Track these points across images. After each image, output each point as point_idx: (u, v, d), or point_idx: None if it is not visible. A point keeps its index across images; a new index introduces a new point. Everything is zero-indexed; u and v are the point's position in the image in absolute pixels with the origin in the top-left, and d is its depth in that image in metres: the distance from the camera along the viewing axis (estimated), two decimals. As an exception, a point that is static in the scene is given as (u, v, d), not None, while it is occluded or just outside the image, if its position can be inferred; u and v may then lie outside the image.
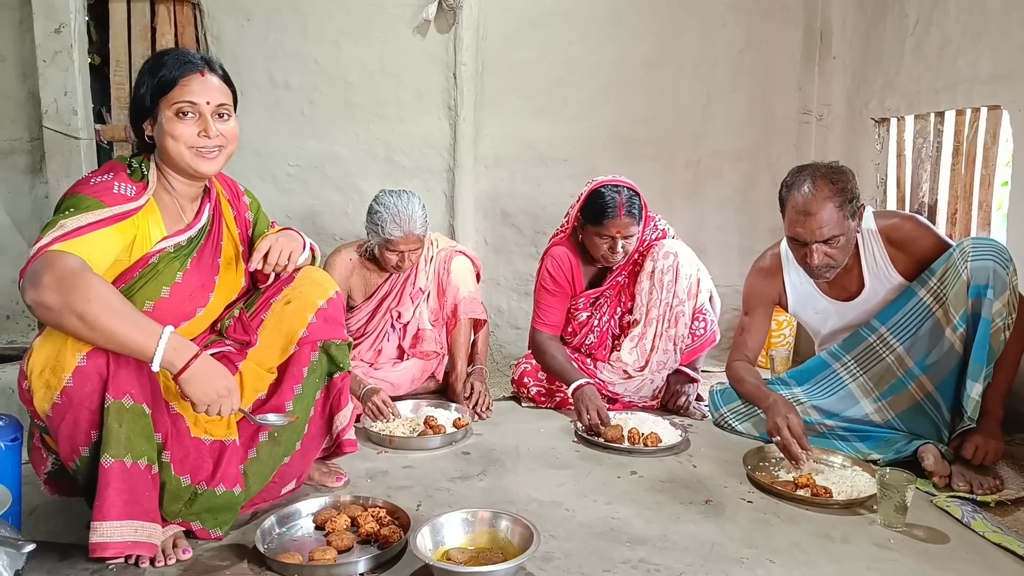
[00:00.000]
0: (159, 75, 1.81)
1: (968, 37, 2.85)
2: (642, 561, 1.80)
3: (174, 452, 1.80)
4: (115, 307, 1.60)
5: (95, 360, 1.64)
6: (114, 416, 1.65)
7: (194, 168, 1.85)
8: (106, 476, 1.65)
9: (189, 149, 1.82)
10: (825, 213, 2.26)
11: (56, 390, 1.63)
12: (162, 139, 1.83)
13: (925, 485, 2.21)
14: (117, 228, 1.73)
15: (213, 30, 3.64)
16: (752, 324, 2.72)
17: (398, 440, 2.56)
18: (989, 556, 1.84)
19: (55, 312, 1.57)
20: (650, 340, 2.93)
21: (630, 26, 3.78)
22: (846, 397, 2.49)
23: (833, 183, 2.29)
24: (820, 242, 2.29)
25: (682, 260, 2.89)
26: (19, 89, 3.56)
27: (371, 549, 1.83)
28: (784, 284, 2.65)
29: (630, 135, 3.85)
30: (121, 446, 1.66)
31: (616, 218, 2.75)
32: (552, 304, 3.02)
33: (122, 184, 1.79)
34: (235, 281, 2.06)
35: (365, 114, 3.75)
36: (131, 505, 1.68)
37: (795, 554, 1.84)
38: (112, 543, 1.65)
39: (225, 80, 1.90)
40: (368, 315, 3.05)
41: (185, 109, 1.81)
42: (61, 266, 1.58)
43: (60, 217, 1.68)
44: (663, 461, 2.46)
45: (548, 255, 3.04)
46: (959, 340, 2.24)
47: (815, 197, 2.28)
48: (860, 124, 3.60)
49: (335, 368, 2.10)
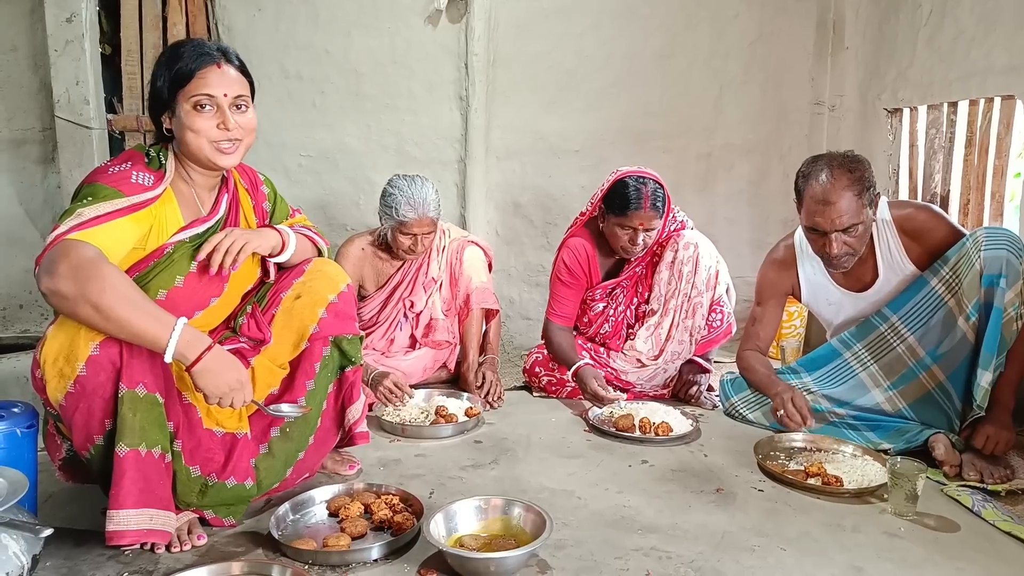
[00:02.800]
0: (176, 67, 1.80)
1: (982, 28, 2.84)
2: (653, 549, 1.80)
3: (185, 442, 1.81)
4: (130, 297, 1.61)
5: (108, 350, 1.64)
6: (128, 406, 1.66)
7: (214, 162, 1.85)
8: (121, 465, 1.66)
9: (210, 143, 1.82)
10: (844, 202, 2.26)
11: (70, 379, 1.63)
12: (181, 132, 1.83)
13: (936, 474, 2.21)
14: (134, 218, 1.74)
15: (225, 20, 3.65)
16: (764, 315, 2.72)
17: (410, 429, 2.58)
18: (999, 545, 1.84)
19: (70, 301, 1.58)
20: (666, 330, 2.93)
21: (642, 18, 3.77)
22: (856, 386, 2.49)
23: (851, 172, 2.28)
24: (839, 231, 2.28)
25: (702, 251, 2.90)
26: (31, 79, 3.58)
27: (384, 536, 1.84)
28: (798, 275, 2.65)
29: (642, 127, 3.84)
30: (136, 435, 1.67)
31: (640, 210, 2.74)
32: (566, 296, 3.03)
33: (140, 173, 1.79)
34: (251, 271, 2.06)
35: (376, 105, 3.76)
36: (146, 494, 1.69)
37: (806, 543, 1.84)
38: (129, 531, 1.67)
39: (242, 71, 1.89)
40: (380, 304, 3.06)
41: (203, 102, 1.80)
42: (77, 255, 1.59)
43: (78, 206, 1.68)
44: (674, 450, 2.46)
45: (565, 246, 3.04)
46: (971, 329, 2.24)
47: (834, 186, 2.27)
48: (872, 115, 3.58)
49: (347, 362, 2.10)
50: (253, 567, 1.66)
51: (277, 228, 2.04)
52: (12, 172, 3.65)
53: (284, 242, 2.01)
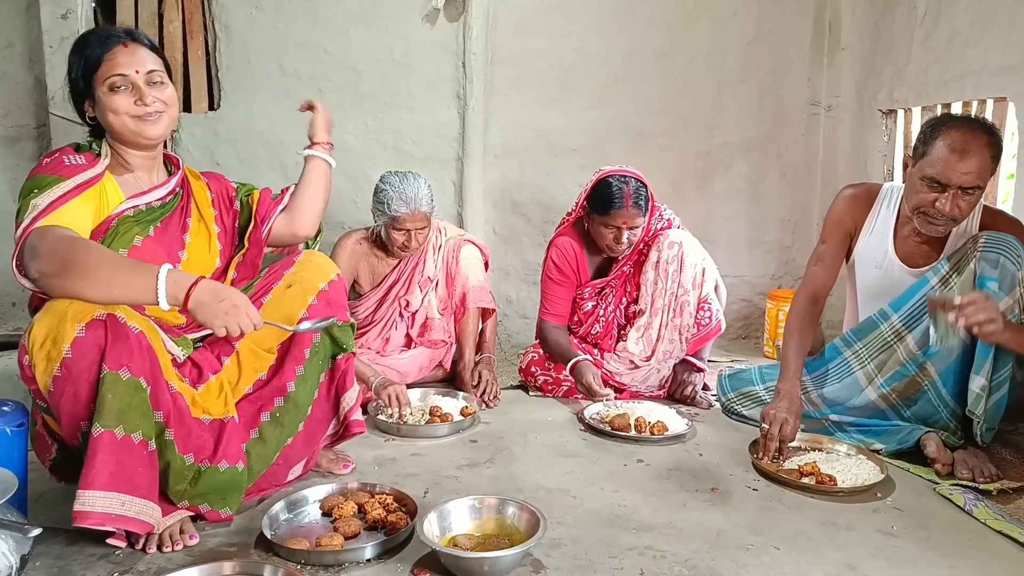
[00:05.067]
0: (85, 54, 1.86)
1: (977, 29, 2.84)
2: (648, 548, 1.80)
3: (177, 431, 1.79)
4: (111, 259, 1.70)
5: (94, 331, 1.64)
6: (108, 387, 1.64)
7: (140, 133, 1.89)
8: (94, 446, 1.63)
9: (132, 119, 1.87)
10: (979, 158, 2.14)
11: (56, 362, 1.63)
12: (104, 117, 1.88)
13: (928, 473, 2.23)
14: (85, 196, 1.80)
15: (222, 18, 3.65)
16: (828, 253, 2.58)
17: (406, 428, 2.58)
18: (991, 543, 1.84)
19: (58, 277, 1.64)
20: (656, 330, 2.94)
21: (642, 16, 3.77)
22: (851, 384, 2.48)
23: (992, 135, 2.19)
24: (961, 188, 2.16)
25: (687, 250, 2.89)
26: (26, 76, 3.57)
27: (378, 535, 1.83)
28: (867, 219, 2.53)
29: (641, 125, 3.84)
30: (112, 417, 1.64)
31: (623, 208, 2.76)
32: (558, 294, 3.04)
33: (70, 156, 1.86)
34: (206, 260, 2.07)
35: (375, 103, 3.75)
36: (118, 478, 1.65)
37: (800, 541, 1.84)
38: (94, 513, 1.62)
39: (152, 49, 1.94)
40: (376, 303, 3.05)
41: (117, 83, 1.85)
42: (53, 235, 1.68)
43: (29, 199, 1.75)
44: (669, 449, 2.46)
45: (553, 245, 3.06)
46: (964, 329, 2.23)
47: (976, 139, 2.14)
48: (868, 115, 3.59)
49: (338, 350, 2.11)
50: (245, 567, 1.65)
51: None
52: (6, 169, 3.64)
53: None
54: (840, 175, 3.77)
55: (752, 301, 4.03)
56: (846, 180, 2.67)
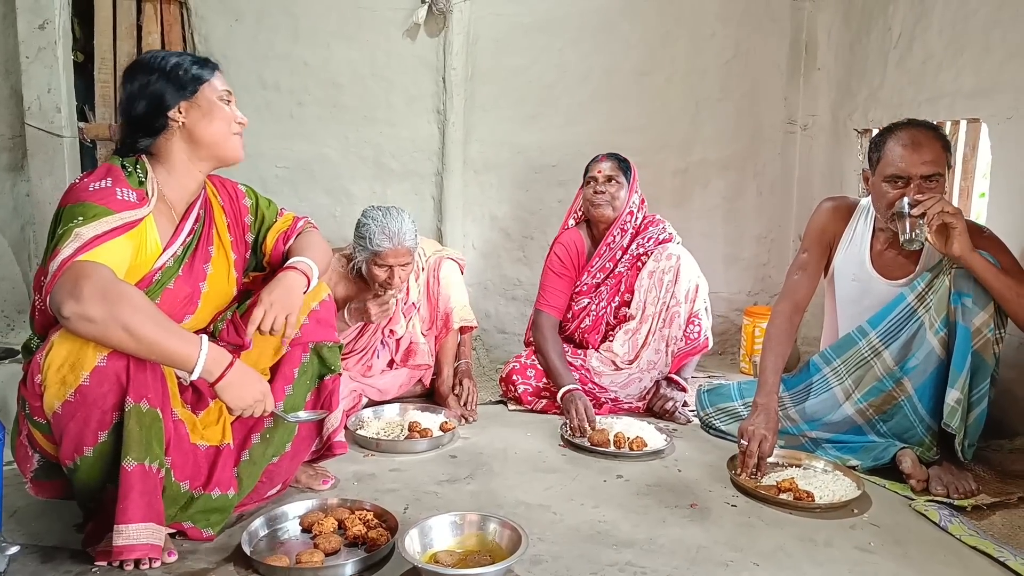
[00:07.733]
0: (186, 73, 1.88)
1: (951, 52, 2.90)
2: (629, 564, 1.81)
3: (175, 458, 1.80)
4: (155, 318, 1.65)
5: (115, 362, 1.64)
6: (135, 419, 1.66)
7: (232, 153, 1.95)
8: (129, 479, 1.66)
9: (231, 134, 1.93)
10: (931, 147, 2.27)
11: (72, 387, 1.62)
12: (200, 128, 1.88)
13: (904, 489, 2.26)
14: (129, 236, 1.73)
15: (201, 30, 3.63)
16: (810, 262, 2.63)
17: (385, 443, 2.56)
18: (966, 559, 1.87)
19: (99, 324, 1.58)
20: (643, 335, 3.00)
21: (621, 35, 3.81)
22: (828, 399, 2.51)
23: (935, 129, 2.35)
24: (923, 178, 2.26)
25: (684, 264, 2.97)
26: (1, 86, 3.51)
27: (358, 552, 1.83)
28: (845, 231, 2.59)
29: (620, 142, 3.84)
30: (142, 449, 1.67)
31: (598, 161, 3.07)
32: (557, 286, 3.13)
33: (123, 190, 1.77)
34: (225, 290, 2.04)
35: (355, 117, 3.75)
36: (149, 508, 1.69)
37: (779, 557, 1.86)
38: (138, 545, 1.67)
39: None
40: (357, 331, 2.95)
41: (226, 96, 1.95)
42: (99, 277, 1.60)
43: (73, 226, 1.65)
44: (649, 465, 2.47)
45: (558, 241, 3.20)
46: (940, 344, 2.26)
47: (924, 133, 2.30)
48: (844, 135, 3.65)
49: (326, 370, 2.11)
50: (225, 584, 1.64)
51: (296, 266, 2.01)
52: (-19, 179, 3.58)
53: (309, 277, 2.02)
54: (816, 193, 3.82)
55: (728, 318, 4.06)
56: (822, 198, 2.70)
